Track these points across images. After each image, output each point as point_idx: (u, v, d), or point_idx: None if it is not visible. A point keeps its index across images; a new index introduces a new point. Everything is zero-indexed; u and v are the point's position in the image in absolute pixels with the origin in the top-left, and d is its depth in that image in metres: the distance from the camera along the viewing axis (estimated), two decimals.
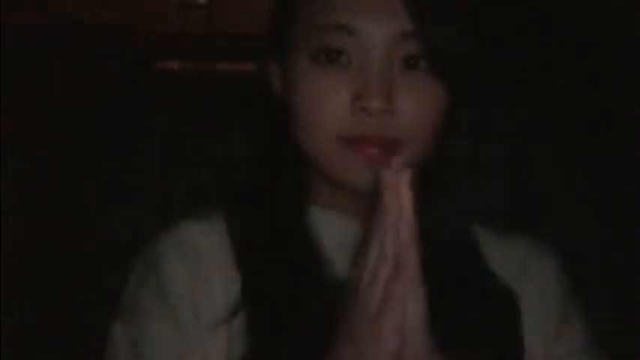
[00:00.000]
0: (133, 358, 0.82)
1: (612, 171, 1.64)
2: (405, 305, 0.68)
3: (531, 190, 1.61)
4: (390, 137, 0.81)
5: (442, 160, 0.88)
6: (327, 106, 0.81)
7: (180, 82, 2.52)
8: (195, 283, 0.84)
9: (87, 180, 2.32)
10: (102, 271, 1.98)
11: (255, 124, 0.93)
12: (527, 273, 0.91)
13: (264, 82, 0.90)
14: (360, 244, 0.72)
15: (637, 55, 1.68)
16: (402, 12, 0.81)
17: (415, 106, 0.82)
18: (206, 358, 0.81)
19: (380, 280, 0.68)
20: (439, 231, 0.85)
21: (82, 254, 2.25)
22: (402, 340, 0.69)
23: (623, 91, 1.64)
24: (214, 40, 2.57)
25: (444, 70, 0.83)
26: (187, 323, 0.82)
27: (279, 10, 0.88)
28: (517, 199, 1.51)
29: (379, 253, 0.68)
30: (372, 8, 0.82)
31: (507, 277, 0.88)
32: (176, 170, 2.33)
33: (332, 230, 0.87)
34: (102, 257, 2.22)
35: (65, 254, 2.25)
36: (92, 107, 2.35)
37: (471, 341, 0.80)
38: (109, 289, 0.94)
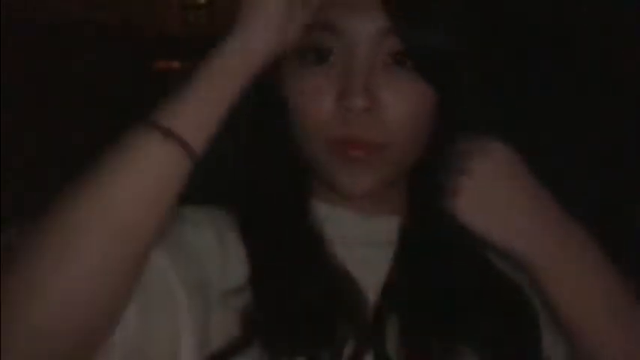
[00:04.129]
0: None
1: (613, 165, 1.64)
2: None
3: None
4: (373, 140, 0.81)
5: (440, 158, 0.87)
6: (314, 107, 0.81)
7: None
8: (213, 247, 0.82)
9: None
10: None
11: (255, 124, 0.93)
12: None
13: (262, 82, 0.90)
14: None
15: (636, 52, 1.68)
16: (385, 9, 0.81)
17: (400, 105, 0.81)
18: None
19: None
20: (436, 229, 0.85)
21: None
22: None
23: (621, 86, 1.65)
24: (214, 40, 2.58)
25: (429, 68, 0.82)
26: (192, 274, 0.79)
27: None
28: None
29: None
30: (355, 6, 0.81)
31: (507, 269, 0.88)
32: None
33: (334, 224, 0.87)
34: None
35: None
36: (92, 107, 2.35)
37: (482, 335, 0.80)
38: None
